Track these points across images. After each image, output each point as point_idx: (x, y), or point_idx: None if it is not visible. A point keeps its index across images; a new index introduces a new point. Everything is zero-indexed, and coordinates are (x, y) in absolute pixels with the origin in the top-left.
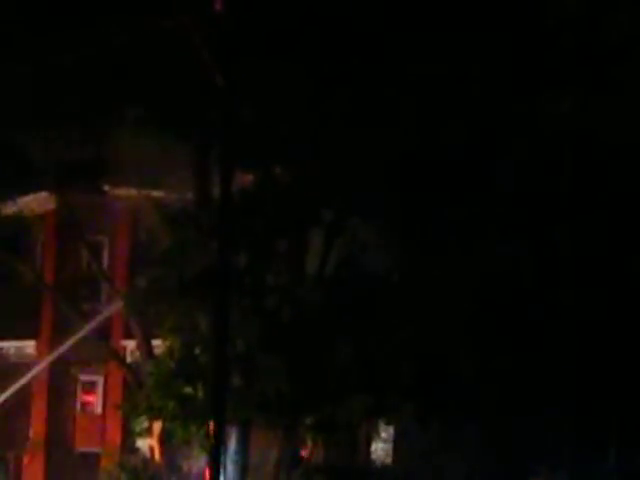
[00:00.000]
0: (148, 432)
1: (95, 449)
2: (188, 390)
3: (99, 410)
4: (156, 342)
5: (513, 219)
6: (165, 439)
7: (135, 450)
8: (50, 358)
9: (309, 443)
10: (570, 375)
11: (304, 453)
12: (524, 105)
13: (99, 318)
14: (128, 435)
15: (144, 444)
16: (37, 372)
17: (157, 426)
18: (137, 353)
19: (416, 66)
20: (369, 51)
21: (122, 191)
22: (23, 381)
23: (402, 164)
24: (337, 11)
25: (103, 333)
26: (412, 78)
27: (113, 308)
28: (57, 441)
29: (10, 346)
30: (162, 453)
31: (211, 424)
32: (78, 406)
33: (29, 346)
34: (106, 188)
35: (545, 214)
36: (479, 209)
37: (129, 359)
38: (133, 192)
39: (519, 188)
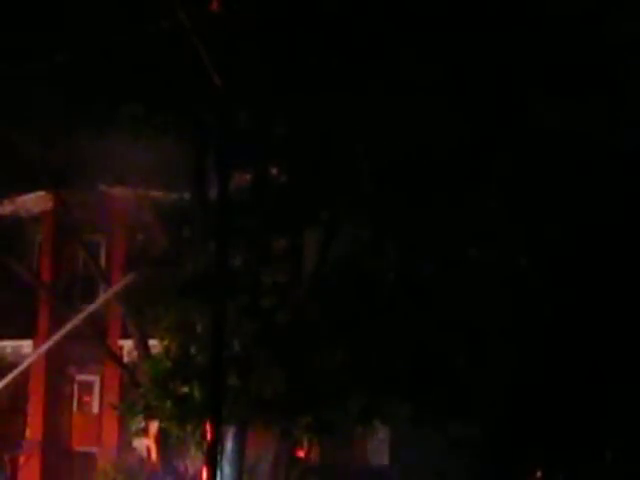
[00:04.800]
0: (145, 432)
1: (92, 449)
2: (184, 390)
3: (96, 410)
4: (153, 342)
5: (509, 219)
6: (162, 439)
7: (132, 450)
8: (44, 347)
9: (305, 443)
10: (567, 375)
11: (300, 453)
12: (520, 106)
13: (91, 307)
14: (125, 435)
15: (141, 444)
16: (30, 365)
17: (153, 426)
18: (134, 353)
19: (412, 66)
20: (366, 52)
21: (119, 191)
22: (16, 373)
23: (398, 164)
24: (334, 11)
25: (100, 333)
26: (408, 78)
27: (108, 293)
28: (54, 441)
29: (7, 346)
30: (159, 453)
31: (207, 424)
32: (75, 406)
33: (26, 346)
34: (103, 188)
35: (542, 215)
36: (475, 209)
37: (126, 359)
38: (130, 192)
39: (515, 189)
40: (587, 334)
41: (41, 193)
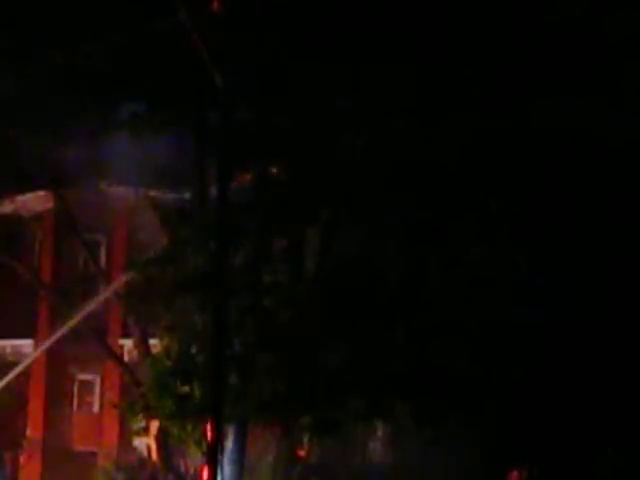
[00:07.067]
0: (145, 431)
1: (92, 448)
2: (185, 389)
3: (96, 409)
4: (153, 341)
5: (510, 217)
6: (162, 438)
7: (132, 449)
8: (43, 347)
9: (305, 443)
10: (567, 373)
11: (301, 452)
12: (522, 104)
13: (90, 306)
14: (125, 434)
15: (141, 443)
16: (31, 364)
17: (154, 425)
18: (134, 352)
19: (413, 66)
20: (367, 50)
21: (119, 190)
22: (15, 372)
23: (400, 164)
24: (335, 9)
25: (100, 332)
26: (410, 77)
27: (107, 291)
28: (54, 440)
29: (7, 345)
30: (159, 452)
31: (207, 423)
32: (75, 405)
33: (26, 345)
34: (103, 187)
35: (543, 213)
36: (476, 208)
37: (126, 358)
38: (130, 191)
39: (516, 188)
40: (587, 333)
41: (41, 193)
